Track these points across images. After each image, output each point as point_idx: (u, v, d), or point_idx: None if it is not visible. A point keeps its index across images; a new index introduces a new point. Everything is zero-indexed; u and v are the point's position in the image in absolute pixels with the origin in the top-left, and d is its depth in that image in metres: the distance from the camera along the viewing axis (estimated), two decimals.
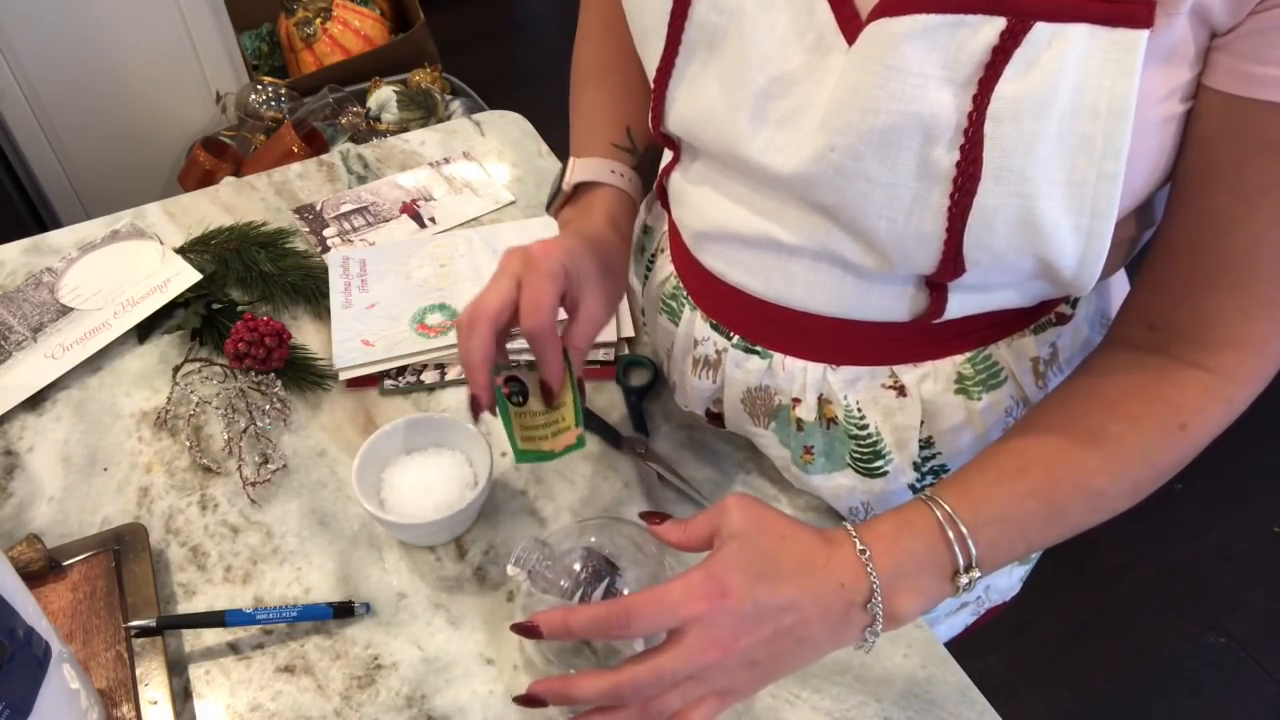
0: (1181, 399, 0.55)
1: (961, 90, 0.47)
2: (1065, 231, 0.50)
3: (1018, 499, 0.55)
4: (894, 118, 0.49)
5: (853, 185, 0.52)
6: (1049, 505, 0.55)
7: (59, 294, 0.94)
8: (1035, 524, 0.55)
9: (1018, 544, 0.56)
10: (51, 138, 1.89)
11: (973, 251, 0.52)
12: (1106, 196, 0.48)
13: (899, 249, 0.54)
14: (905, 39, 0.47)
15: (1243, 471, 1.94)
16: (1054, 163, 0.47)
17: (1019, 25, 0.46)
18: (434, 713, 0.64)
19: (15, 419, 0.84)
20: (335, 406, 0.84)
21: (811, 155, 0.53)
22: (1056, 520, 0.56)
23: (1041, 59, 0.46)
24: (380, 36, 2.19)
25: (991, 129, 0.47)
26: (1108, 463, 0.55)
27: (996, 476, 0.56)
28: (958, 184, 0.49)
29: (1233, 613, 1.74)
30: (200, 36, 1.93)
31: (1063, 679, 1.65)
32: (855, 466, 0.69)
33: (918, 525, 0.54)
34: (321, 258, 0.98)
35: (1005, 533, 0.55)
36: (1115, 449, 0.55)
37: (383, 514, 0.69)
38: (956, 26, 0.47)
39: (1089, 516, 0.57)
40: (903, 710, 0.64)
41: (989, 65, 0.47)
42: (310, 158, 1.14)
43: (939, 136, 0.48)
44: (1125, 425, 0.55)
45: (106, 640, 0.66)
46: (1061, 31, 0.45)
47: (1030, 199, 0.48)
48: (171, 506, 0.77)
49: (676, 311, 0.74)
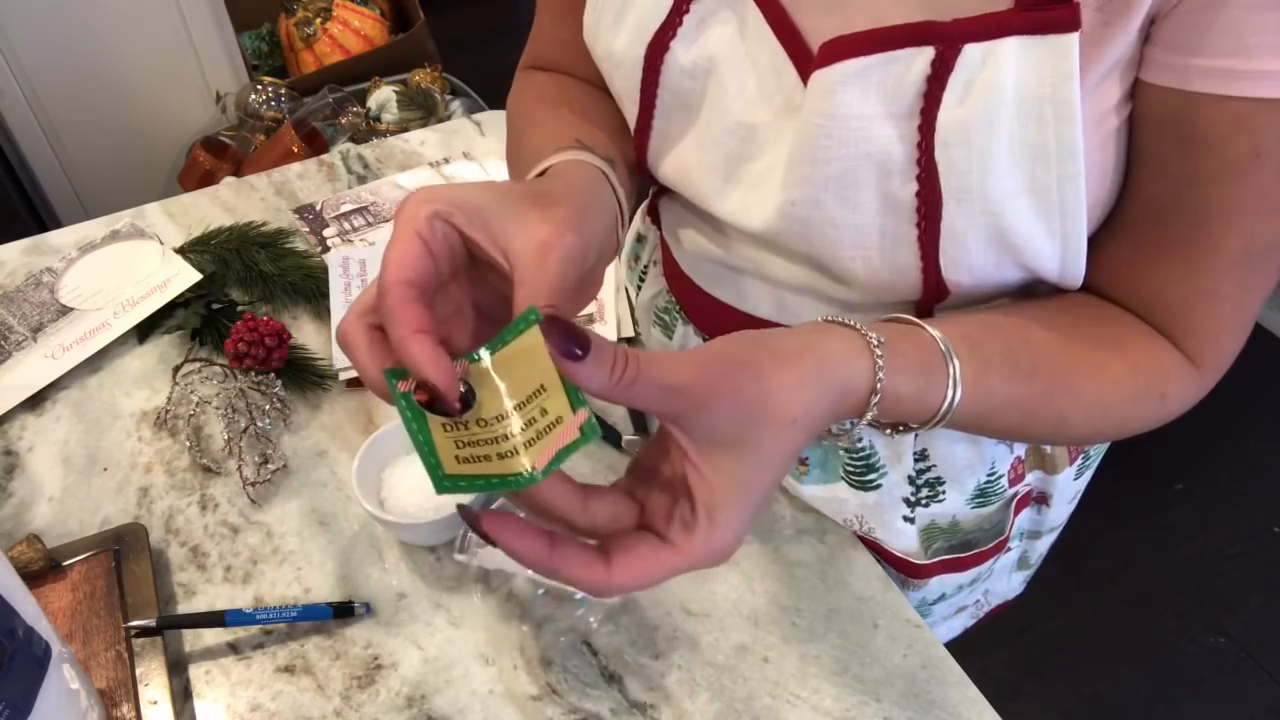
0: (1167, 367, 0.53)
1: (906, 123, 0.48)
2: (1039, 238, 0.50)
3: (1011, 406, 0.51)
4: (846, 162, 0.49)
5: (820, 232, 0.52)
6: (1025, 416, 0.52)
7: (59, 294, 0.94)
8: (1001, 424, 0.52)
9: (970, 426, 0.52)
10: (51, 138, 1.89)
11: (951, 273, 0.52)
12: (1072, 196, 0.48)
13: (878, 284, 0.54)
14: (842, 85, 0.48)
15: (1243, 471, 1.94)
16: (1012, 176, 0.47)
17: (948, 51, 0.46)
18: (434, 713, 0.64)
19: (15, 419, 0.84)
20: (335, 406, 0.84)
21: (776, 211, 0.53)
22: (1020, 428, 0.53)
23: (978, 80, 0.46)
24: (380, 36, 2.19)
25: (942, 155, 0.47)
26: (1096, 401, 0.52)
27: (1012, 371, 0.50)
28: (921, 213, 0.49)
29: (1233, 613, 1.73)
30: (200, 36, 1.93)
31: (1063, 679, 1.65)
32: (849, 479, 0.69)
33: (932, 392, 0.48)
34: (321, 258, 0.98)
35: (975, 423, 0.51)
36: (1108, 390, 0.52)
37: (383, 514, 0.69)
38: (888, 63, 0.47)
39: (1041, 435, 0.58)
40: (903, 710, 0.64)
41: (927, 95, 0.47)
42: (310, 158, 1.14)
43: (893, 171, 0.49)
44: (1125, 370, 0.53)
45: (106, 640, 0.66)
46: (992, 49, 0.45)
47: (997, 215, 0.48)
48: (171, 506, 0.77)
49: (670, 325, 0.74)
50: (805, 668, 0.65)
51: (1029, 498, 0.76)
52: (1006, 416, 0.52)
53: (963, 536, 0.74)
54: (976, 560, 0.75)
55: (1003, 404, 0.51)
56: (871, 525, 0.71)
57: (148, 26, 1.86)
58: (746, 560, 0.72)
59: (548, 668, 0.66)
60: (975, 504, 0.71)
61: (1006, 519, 0.73)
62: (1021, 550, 0.83)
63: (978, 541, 0.74)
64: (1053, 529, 0.82)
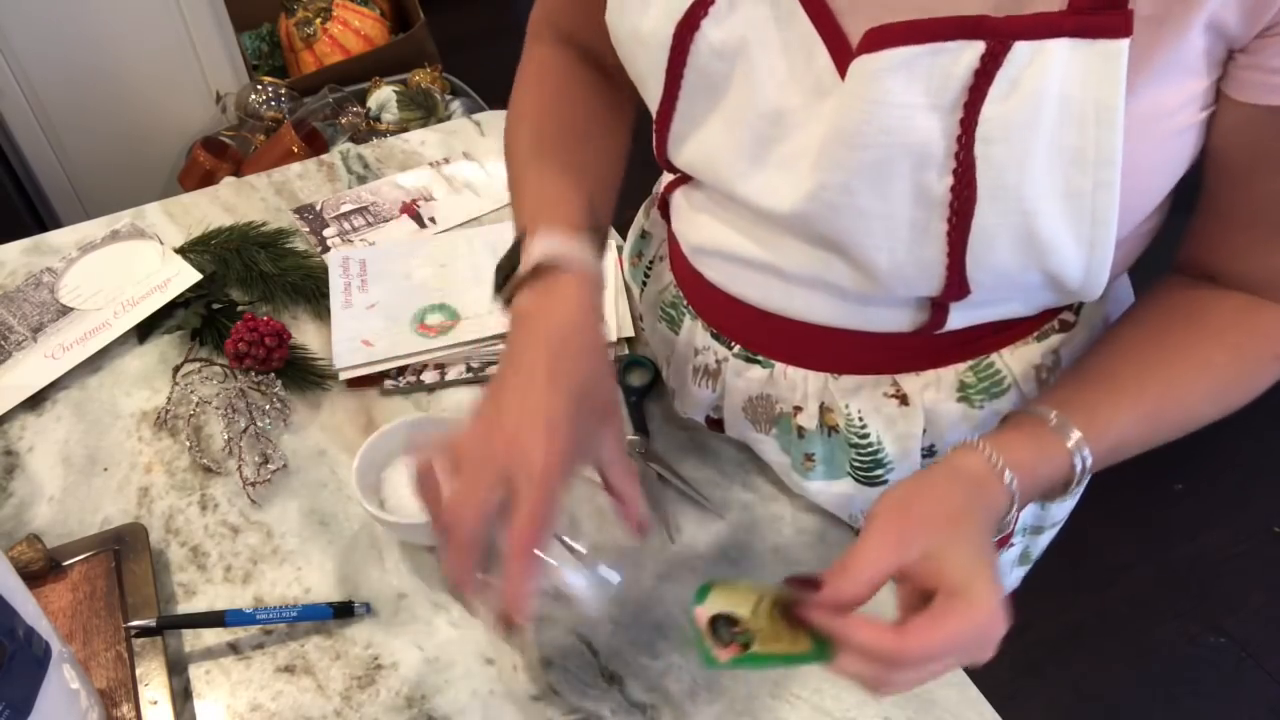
0: (1269, 330, 0.57)
1: (948, 116, 0.48)
2: (1067, 243, 0.50)
3: (1133, 424, 0.56)
4: (883, 150, 0.49)
5: (848, 219, 0.52)
6: (1153, 429, 0.57)
7: (59, 294, 0.94)
8: (1135, 446, 0.57)
9: (1112, 461, 0.56)
10: (51, 138, 1.89)
11: (975, 272, 0.52)
12: (1105, 205, 0.48)
13: (900, 277, 0.54)
14: (887, 73, 0.47)
15: (1243, 471, 1.94)
16: (1048, 177, 0.48)
17: (999, 47, 0.46)
18: (434, 713, 0.64)
19: (15, 419, 0.84)
20: (335, 406, 0.84)
21: (806, 194, 0.53)
22: (1152, 441, 0.57)
23: (1024, 77, 0.46)
24: (380, 36, 2.19)
25: (982, 150, 0.47)
26: (1212, 390, 0.57)
27: (1118, 397, 0.56)
28: (954, 208, 0.49)
29: (1233, 613, 1.73)
30: (200, 36, 1.93)
31: (1063, 679, 1.65)
32: (855, 475, 0.69)
33: (1051, 452, 0.54)
34: (321, 258, 0.98)
35: (1113, 456, 0.56)
36: (1220, 377, 0.57)
37: (383, 514, 0.69)
38: (936, 54, 0.47)
39: (1176, 435, 0.58)
40: (903, 710, 0.64)
41: (973, 89, 0.47)
42: (310, 158, 1.14)
43: (930, 163, 0.49)
44: (1229, 355, 0.57)
45: (106, 640, 0.66)
46: (1042, 48, 0.45)
47: (1028, 215, 0.49)
48: (171, 506, 0.77)
49: (676, 320, 0.74)
50: (805, 668, 0.65)
51: None
52: (1133, 443, 0.56)
53: None
54: None
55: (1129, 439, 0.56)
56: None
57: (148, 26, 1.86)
58: (747, 560, 0.72)
59: (548, 668, 0.66)
60: None
61: None
62: (1024, 546, 0.83)
63: None
64: (1054, 524, 0.82)
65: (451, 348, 0.87)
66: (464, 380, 0.85)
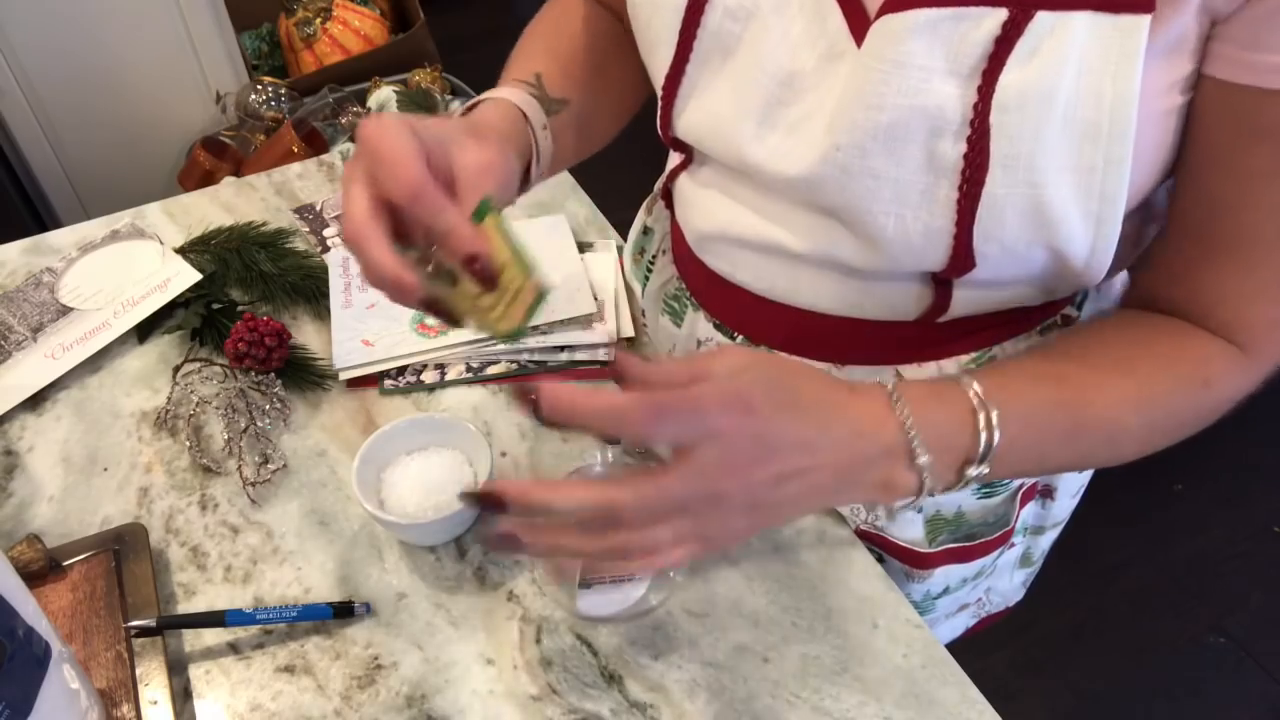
0: (1207, 354, 0.54)
1: (966, 82, 0.48)
2: (1075, 219, 0.50)
3: (1047, 406, 0.53)
4: (899, 113, 0.49)
5: (860, 183, 0.52)
6: (1072, 422, 0.53)
7: (59, 294, 0.94)
8: (1054, 437, 0.53)
9: (1031, 453, 0.53)
10: (51, 138, 1.89)
11: (982, 244, 0.52)
12: (1115, 181, 0.48)
13: (907, 246, 0.54)
14: (909, 34, 0.48)
15: (1243, 471, 1.94)
16: (1061, 150, 0.48)
17: (1021, 15, 0.46)
18: (434, 713, 0.64)
19: (15, 419, 0.84)
20: (335, 406, 0.84)
21: (818, 157, 0.53)
22: (1073, 441, 0.54)
23: (1044, 47, 0.46)
24: (380, 36, 2.19)
25: (997, 118, 0.47)
26: (1136, 395, 0.54)
27: (1032, 376, 0.54)
28: (965, 175, 0.49)
29: (1233, 613, 1.74)
30: (200, 36, 1.93)
31: (1063, 679, 1.65)
32: None
33: (948, 396, 0.51)
34: (321, 258, 0.98)
35: (1026, 435, 0.52)
36: (1144, 383, 0.54)
37: (383, 514, 0.69)
38: (959, 19, 0.47)
39: (1101, 450, 0.55)
40: (903, 710, 0.64)
41: (992, 56, 0.47)
42: (310, 158, 1.14)
43: (945, 129, 0.49)
44: (1156, 365, 0.54)
45: (106, 640, 0.66)
46: (1063, 19, 0.46)
47: (1038, 187, 0.49)
48: (171, 506, 0.77)
49: (679, 312, 0.74)
50: (805, 668, 0.65)
51: (1034, 490, 0.76)
52: (1049, 429, 0.53)
53: (968, 529, 0.74)
54: (982, 550, 0.75)
55: (1040, 418, 0.52)
56: (878, 514, 0.71)
57: (148, 26, 1.86)
58: (746, 560, 0.72)
59: (548, 668, 0.66)
60: (981, 494, 0.71)
61: (1012, 511, 0.74)
62: (1025, 546, 0.83)
63: (983, 533, 0.74)
64: (1056, 524, 0.82)
65: (451, 348, 0.87)
66: (464, 380, 0.85)
